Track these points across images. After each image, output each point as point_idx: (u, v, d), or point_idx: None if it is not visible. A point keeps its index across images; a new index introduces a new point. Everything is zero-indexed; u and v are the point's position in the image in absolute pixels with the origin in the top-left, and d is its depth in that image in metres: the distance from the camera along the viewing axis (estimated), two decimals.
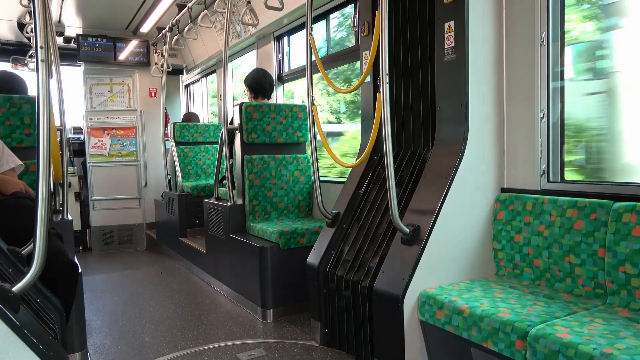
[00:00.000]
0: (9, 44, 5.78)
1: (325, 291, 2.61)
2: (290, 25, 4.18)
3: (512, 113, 2.27)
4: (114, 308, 3.51)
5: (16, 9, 4.58)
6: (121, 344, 2.81)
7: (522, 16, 2.19)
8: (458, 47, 2.18)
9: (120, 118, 5.98)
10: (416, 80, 2.56)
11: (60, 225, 2.85)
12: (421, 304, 2.00)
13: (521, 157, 2.24)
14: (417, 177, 2.39)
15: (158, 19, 5.25)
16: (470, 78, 2.17)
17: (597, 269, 1.86)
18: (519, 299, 1.89)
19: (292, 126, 3.66)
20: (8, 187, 2.03)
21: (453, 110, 2.23)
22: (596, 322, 1.61)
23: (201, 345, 2.73)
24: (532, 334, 1.56)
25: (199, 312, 3.36)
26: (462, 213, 2.19)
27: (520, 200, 2.17)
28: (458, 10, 2.16)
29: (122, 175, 5.96)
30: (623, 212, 1.77)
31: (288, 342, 2.74)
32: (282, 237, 3.10)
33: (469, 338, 1.78)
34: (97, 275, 4.64)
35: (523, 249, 2.14)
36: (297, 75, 4.34)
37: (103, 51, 5.79)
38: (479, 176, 2.25)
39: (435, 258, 2.10)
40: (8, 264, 1.49)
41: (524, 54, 2.20)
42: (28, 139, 2.94)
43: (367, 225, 2.56)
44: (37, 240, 1.22)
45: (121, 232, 5.93)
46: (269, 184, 3.53)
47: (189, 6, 4.53)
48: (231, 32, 4.63)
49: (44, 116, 1.27)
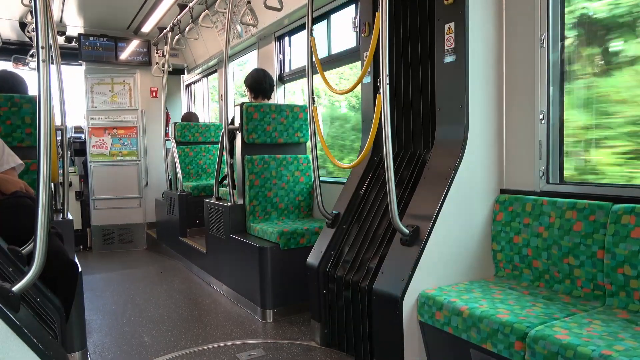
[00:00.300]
0: (11, 43, 5.80)
1: (325, 291, 2.62)
2: (291, 26, 4.18)
3: (511, 114, 2.27)
4: (114, 307, 3.51)
5: (18, 8, 4.59)
6: (121, 343, 2.81)
7: (522, 18, 2.20)
8: (458, 48, 2.18)
9: (121, 117, 5.99)
10: (416, 81, 2.56)
11: (61, 225, 2.86)
12: (420, 305, 2.00)
13: (521, 158, 2.25)
14: (417, 178, 2.39)
15: (159, 18, 5.26)
16: (470, 79, 2.17)
17: (596, 271, 1.86)
18: (518, 300, 1.89)
19: (292, 126, 3.67)
20: (8, 186, 2.03)
21: (453, 111, 2.23)
22: (595, 324, 1.61)
23: (201, 345, 2.74)
24: (531, 335, 1.56)
25: (199, 311, 3.36)
26: (462, 214, 2.20)
27: (519, 201, 2.18)
28: (458, 11, 2.16)
29: (122, 174, 5.96)
30: (622, 214, 1.78)
31: (287, 342, 2.75)
32: (282, 238, 3.11)
33: (468, 339, 1.79)
34: (97, 274, 4.65)
35: (522, 250, 2.14)
36: (298, 76, 4.35)
37: (104, 51, 5.80)
38: (478, 177, 2.25)
39: (435, 259, 2.10)
40: (8, 263, 1.50)
41: (524, 55, 2.20)
42: (29, 139, 2.95)
43: (366, 225, 2.56)
44: (38, 240, 1.22)
45: (121, 232, 5.93)
46: (270, 184, 3.53)
47: (190, 6, 4.54)
48: (232, 32, 4.64)
49: (45, 116, 1.27)
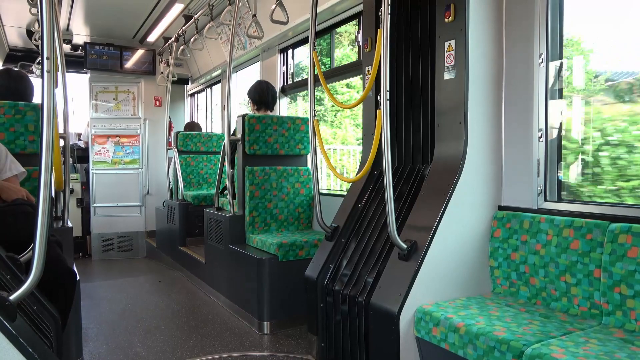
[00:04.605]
0: (18, 50, 5.86)
1: (323, 305, 2.61)
2: (295, 39, 4.23)
3: (510, 131, 2.29)
4: (111, 316, 3.50)
5: (25, 16, 4.65)
6: (117, 353, 2.80)
7: (521, 36, 2.23)
8: (458, 65, 2.20)
9: (124, 126, 6.03)
10: (416, 96, 2.58)
11: (60, 233, 2.86)
12: (417, 320, 2.00)
13: (519, 175, 2.26)
14: (416, 193, 2.40)
15: (165, 29, 5.32)
16: (470, 96, 2.19)
17: (593, 289, 1.86)
18: (515, 317, 1.89)
19: (294, 138, 3.69)
20: (10, 193, 2.05)
21: (452, 128, 2.25)
22: (591, 343, 1.61)
23: (197, 356, 2.73)
24: (528, 353, 1.56)
25: (196, 322, 3.35)
26: (459, 230, 2.20)
27: (517, 218, 2.18)
28: (459, 29, 2.19)
29: (124, 182, 5.98)
30: (619, 233, 1.78)
31: (284, 355, 2.74)
32: (281, 249, 3.11)
33: (465, 356, 1.78)
34: (95, 282, 4.64)
35: (519, 267, 2.14)
36: (301, 89, 4.38)
37: (110, 59, 5.86)
38: (476, 193, 2.26)
39: (432, 274, 2.10)
40: (6, 271, 1.51)
41: (523, 73, 2.22)
42: (32, 146, 2.97)
43: (365, 239, 2.57)
44: (36, 249, 1.23)
45: (121, 240, 5.93)
46: (270, 196, 3.55)
47: (195, 17, 4.60)
48: (236, 43, 4.69)
49: (48, 125, 1.29)
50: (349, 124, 9.20)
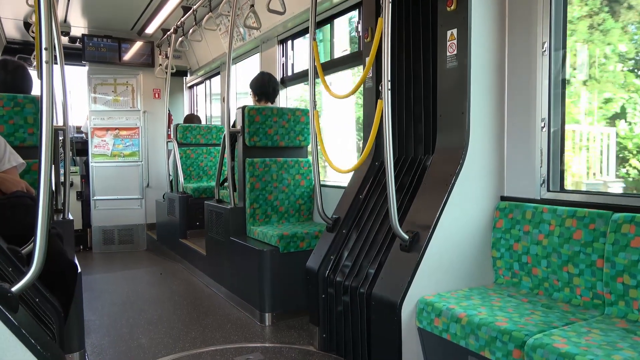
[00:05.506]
0: (15, 42, 5.82)
1: (324, 296, 2.61)
2: (294, 30, 4.20)
3: (512, 121, 2.28)
4: (113, 308, 3.51)
5: (22, 7, 4.61)
6: (119, 344, 2.81)
7: (524, 25, 2.20)
8: (460, 54, 2.18)
9: (123, 118, 6.00)
10: (418, 86, 2.56)
11: (61, 225, 2.86)
12: (419, 311, 2.00)
13: (521, 165, 2.25)
14: (417, 184, 2.40)
15: (163, 20, 5.28)
16: (472, 86, 2.17)
17: (596, 279, 1.86)
18: (517, 307, 1.88)
19: (294, 130, 3.67)
20: (9, 185, 2.04)
21: (454, 118, 2.24)
22: (594, 333, 1.61)
23: (199, 347, 2.73)
24: (530, 343, 1.56)
25: (198, 314, 3.36)
26: (462, 221, 2.20)
27: (519, 208, 2.18)
28: (461, 18, 2.17)
29: (124, 175, 5.97)
30: (622, 223, 1.77)
31: (286, 346, 2.74)
32: (282, 241, 3.11)
33: (467, 346, 1.78)
34: (96, 275, 4.65)
35: (522, 257, 2.14)
36: (300, 80, 4.36)
37: (108, 51, 5.81)
38: (478, 184, 2.25)
39: (434, 265, 2.10)
40: (8, 263, 1.50)
41: (526, 62, 2.20)
42: (31, 138, 2.95)
43: (366, 230, 2.56)
44: (37, 240, 1.22)
45: (122, 232, 5.93)
46: (270, 187, 3.54)
47: (194, 9, 4.56)
48: (235, 35, 4.65)
49: (47, 117, 1.28)
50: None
